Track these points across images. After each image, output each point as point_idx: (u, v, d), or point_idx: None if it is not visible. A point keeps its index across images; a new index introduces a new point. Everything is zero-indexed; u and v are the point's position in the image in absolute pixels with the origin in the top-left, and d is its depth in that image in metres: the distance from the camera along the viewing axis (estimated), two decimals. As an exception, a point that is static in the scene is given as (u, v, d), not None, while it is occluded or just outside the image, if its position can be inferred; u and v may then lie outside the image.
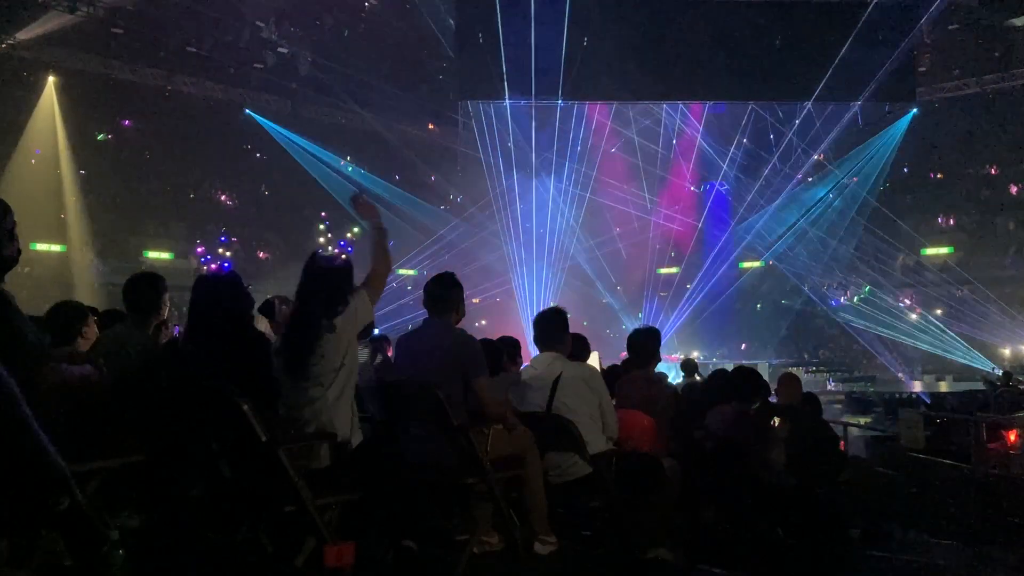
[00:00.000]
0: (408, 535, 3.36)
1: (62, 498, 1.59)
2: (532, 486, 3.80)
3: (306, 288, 3.29)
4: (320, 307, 3.20)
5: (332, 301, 3.21)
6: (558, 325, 4.50)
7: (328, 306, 3.20)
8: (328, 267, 3.32)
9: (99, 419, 2.88)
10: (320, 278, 3.28)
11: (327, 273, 3.29)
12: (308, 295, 3.27)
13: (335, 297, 3.23)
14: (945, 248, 29.93)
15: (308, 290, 3.28)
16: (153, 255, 27.36)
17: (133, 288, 3.85)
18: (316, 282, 3.27)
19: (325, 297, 3.23)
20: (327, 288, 3.25)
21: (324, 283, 3.26)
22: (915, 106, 24.18)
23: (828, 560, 5.07)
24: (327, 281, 3.27)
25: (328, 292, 3.24)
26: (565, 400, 4.17)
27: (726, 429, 5.04)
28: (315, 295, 3.25)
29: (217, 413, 2.91)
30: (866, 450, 10.33)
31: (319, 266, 3.31)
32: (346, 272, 3.33)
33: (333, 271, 3.30)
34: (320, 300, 3.22)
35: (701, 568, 4.14)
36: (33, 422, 1.56)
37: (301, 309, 3.29)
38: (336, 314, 3.19)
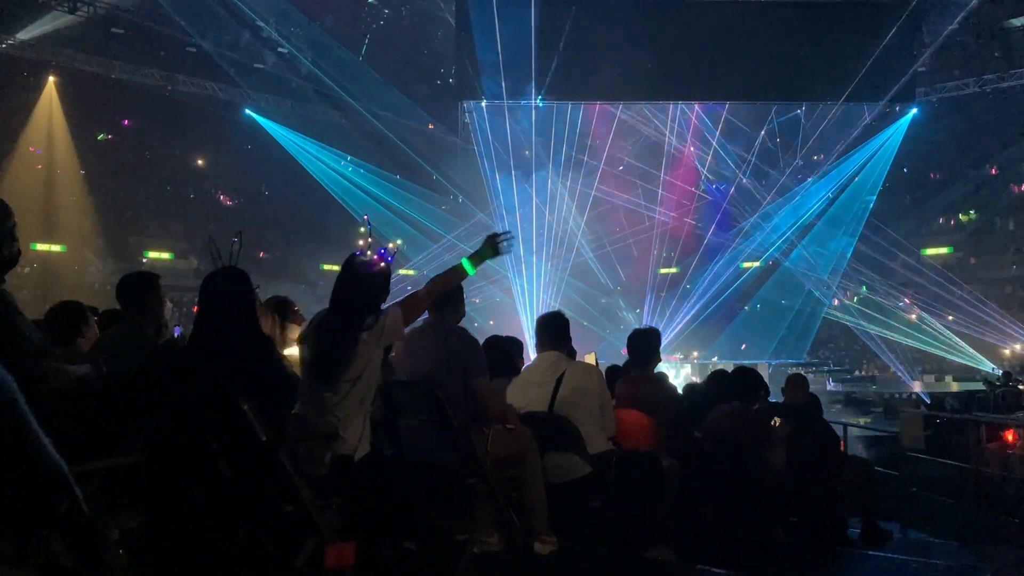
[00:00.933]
0: (408, 535, 3.37)
1: (62, 498, 1.59)
2: (532, 486, 3.80)
3: (340, 291, 3.26)
4: (349, 316, 3.18)
5: (362, 312, 3.18)
6: (561, 328, 4.52)
7: (357, 318, 3.17)
8: (364, 275, 3.26)
9: (99, 419, 2.88)
10: (355, 285, 3.24)
11: (361, 282, 3.25)
12: (340, 300, 3.25)
13: (365, 308, 3.19)
14: (945, 248, 29.95)
15: (341, 294, 3.26)
16: (153, 255, 27.39)
17: (124, 288, 3.85)
18: (350, 288, 3.24)
19: (356, 307, 3.20)
20: (359, 298, 3.22)
21: (357, 292, 3.23)
22: (915, 106, 24.17)
23: (828, 560, 5.08)
24: (360, 291, 3.23)
25: (359, 302, 3.21)
26: (567, 398, 4.18)
27: (726, 429, 5.05)
28: (346, 303, 3.22)
29: (217, 412, 2.91)
30: (866, 450, 10.34)
31: (355, 272, 3.26)
32: (381, 284, 3.28)
33: (368, 281, 3.25)
34: (350, 309, 3.20)
35: (701, 568, 4.15)
36: (33, 422, 1.56)
37: (332, 312, 3.26)
38: (363, 327, 3.16)
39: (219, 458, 2.94)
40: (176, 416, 2.93)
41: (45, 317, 3.78)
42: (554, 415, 4.16)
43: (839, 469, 5.89)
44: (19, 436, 1.53)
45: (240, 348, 3.09)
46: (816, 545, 5.19)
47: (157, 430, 2.90)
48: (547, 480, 3.94)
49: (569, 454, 4.09)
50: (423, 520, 3.46)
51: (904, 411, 11.01)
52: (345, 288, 3.26)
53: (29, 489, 1.55)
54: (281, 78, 25.23)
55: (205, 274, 3.31)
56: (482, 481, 3.58)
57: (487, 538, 3.77)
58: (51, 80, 22.96)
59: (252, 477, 2.91)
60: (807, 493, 5.25)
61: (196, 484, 2.95)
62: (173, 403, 2.97)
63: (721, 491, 4.78)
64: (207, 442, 2.94)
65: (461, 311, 3.96)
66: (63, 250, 24.88)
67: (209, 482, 2.93)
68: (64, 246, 24.88)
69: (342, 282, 3.27)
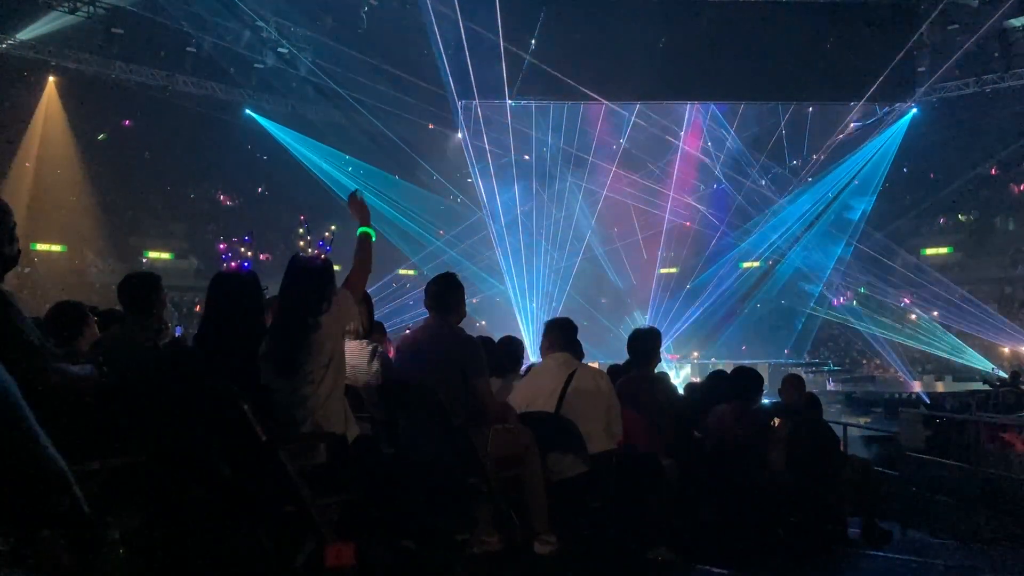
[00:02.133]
0: (408, 535, 3.37)
1: (62, 498, 1.59)
2: (532, 486, 3.80)
3: (289, 288, 3.34)
4: (304, 306, 3.24)
5: (315, 299, 3.26)
6: (571, 331, 4.56)
7: (312, 304, 3.24)
8: (309, 267, 3.37)
9: (99, 419, 2.88)
10: (302, 278, 3.33)
11: (308, 273, 3.34)
12: (291, 295, 3.32)
13: (318, 295, 3.27)
14: (945, 248, 29.94)
15: (291, 290, 3.33)
16: (153, 255, 27.38)
17: (128, 288, 3.84)
18: (298, 282, 3.33)
19: (308, 296, 3.27)
20: (309, 287, 3.29)
21: (306, 283, 3.31)
22: (915, 106, 24.17)
23: (828, 560, 5.08)
24: (309, 281, 3.32)
25: (310, 291, 3.28)
26: (575, 399, 4.18)
27: (726, 429, 5.05)
28: (298, 295, 3.30)
29: (217, 413, 2.91)
30: (866, 450, 10.33)
31: (300, 267, 3.37)
32: (327, 271, 3.37)
33: (314, 271, 3.35)
34: (303, 299, 3.27)
35: (701, 568, 4.15)
36: (33, 421, 1.56)
37: (286, 309, 3.32)
38: (320, 312, 3.23)
39: (219, 458, 2.94)
40: (176, 416, 2.93)
41: (45, 317, 3.78)
42: (554, 415, 4.16)
43: (839, 469, 5.89)
44: (19, 436, 1.53)
45: (245, 348, 3.10)
46: (816, 545, 5.19)
47: (157, 430, 2.90)
48: (547, 479, 3.94)
49: (568, 453, 4.09)
50: (423, 520, 3.46)
51: (904, 411, 11.00)
52: (294, 284, 3.33)
53: (29, 489, 1.55)
54: (281, 78, 25.23)
55: (212, 275, 3.32)
56: (482, 481, 3.58)
57: (487, 538, 3.77)
58: (51, 80, 22.96)
59: (252, 477, 2.92)
60: (807, 493, 5.25)
61: (196, 484, 2.95)
62: (173, 403, 2.97)
63: (721, 491, 4.78)
64: (207, 442, 2.94)
65: (461, 311, 3.98)
66: (63, 250, 24.88)
67: (209, 482, 2.94)
68: (64, 246, 24.89)
69: (290, 280, 3.35)
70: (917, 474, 8.46)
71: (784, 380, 6.62)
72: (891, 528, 6.23)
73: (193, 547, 2.79)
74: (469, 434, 3.56)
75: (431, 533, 3.50)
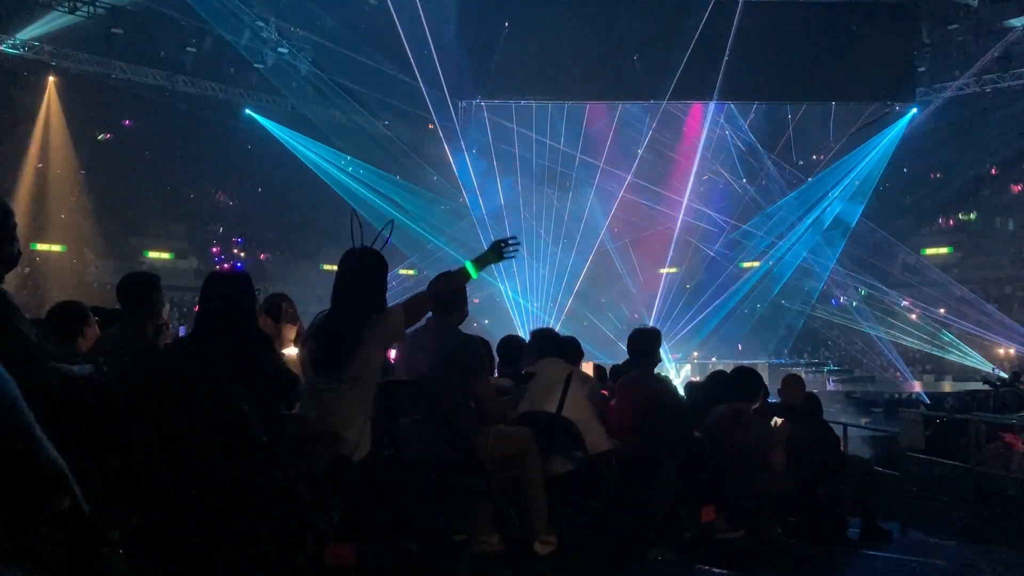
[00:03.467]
0: (408, 535, 3.36)
1: (62, 498, 1.59)
2: (532, 486, 3.80)
3: (344, 290, 3.27)
4: (359, 309, 3.19)
5: (369, 308, 3.18)
6: (556, 341, 4.66)
7: (366, 309, 3.18)
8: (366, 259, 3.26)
9: (99, 419, 2.88)
10: (359, 272, 3.25)
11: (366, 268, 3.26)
12: (347, 297, 3.25)
13: (373, 304, 3.19)
14: (945, 248, 29.94)
15: (346, 292, 3.26)
16: (153, 255, 27.37)
17: (127, 288, 3.84)
18: (350, 275, 3.25)
19: (364, 303, 3.20)
20: (365, 292, 3.22)
21: (364, 279, 3.24)
22: (915, 106, 24.17)
23: (828, 560, 5.08)
24: (367, 277, 3.24)
25: (367, 290, 3.22)
26: (575, 400, 4.19)
27: (726, 429, 5.05)
28: (354, 299, 3.22)
29: (217, 413, 2.91)
30: (866, 450, 10.33)
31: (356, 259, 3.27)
32: (379, 263, 3.28)
33: (372, 263, 3.26)
34: (358, 300, 3.21)
35: (701, 568, 4.15)
36: (33, 422, 1.56)
37: (341, 308, 3.26)
38: (369, 324, 3.16)
39: (219, 458, 2.94)
40: (176, 416, 2.93)
41: (46, 317, 3.79)
42: (553, 415, 4.16)
43: (839, 469, 5.89)
44: (19, 436, 1.53)
45: (239, 348, 3.09)
46: (816, 545, 5.19)
47: (157, 430, 2.90)
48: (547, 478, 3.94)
49: (567, 453, 4.09)
50: (423, 520, 3.46)
51: (904, 411, 10.99)
52: (347, 286, 3.26)
53: (29, 489, 1.54)
54: (281, 78, 25.23)
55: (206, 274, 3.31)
56: (482, 481, 3.58)
57: (487, 538, 3.77)
58: (51, 80, 22.95)
59: (252, 477, 2.92)
60: (807, 493, 5.25)
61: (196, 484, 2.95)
62: (173, 403, 2.97)
63: (721, 491, 4.78)
64: (207, 442, 2.94)
65: (463, 312, 3.97)
66: (63, 250, 24.87)
67: (209, 482, 2.94)
68: (64, 246, 24.88)
69: (343, 280, 3.27)
70: (917, 474, 8.46)
71: (784, 380, 6.62)
72: (891, 528, 6.24)
73: (193, 547, 2.79)
74: (469, 434, 3.56)
75: (431, 533, 3.50)
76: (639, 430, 4.66)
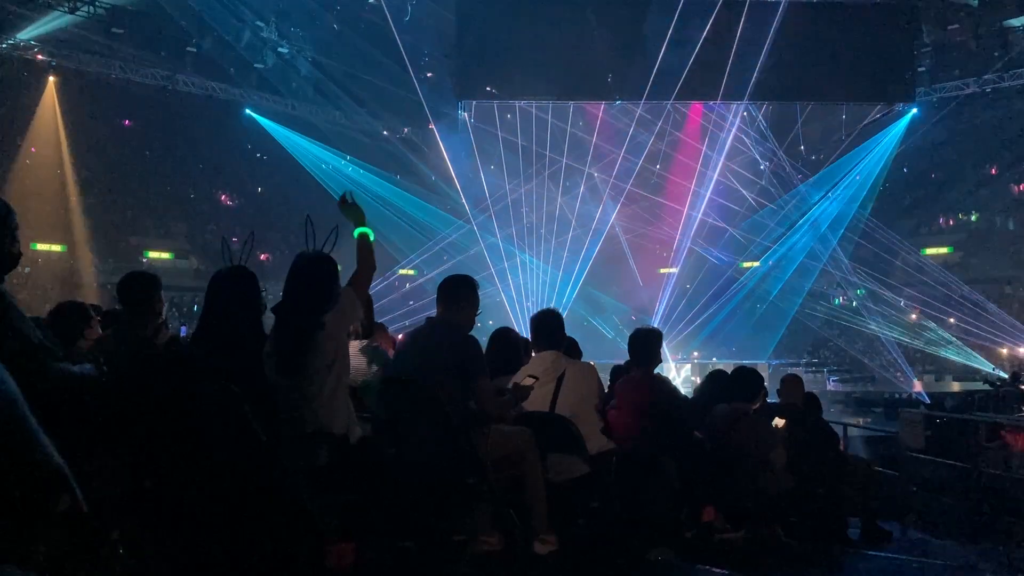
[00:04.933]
0: (408, 535, 3.36)
1: (62, 497, 1.59)
2: (532, 486, 3.80)
3: (293, 287, 3.34)
4: (308, 305, 3.25)
5: (320, 298, 3.26)
6: (556, 325, 4.53)
7: (316, 303, 3.25)
8: (313, 265, 3.38)
9: (100, 419, 2.88)
10: (306, 277, 3.34)
11: (313, 271, 3.35)
12: (295, 294, 3.33)
13: (323, 294, 3.28)
14: (945, 248, 29.93)
15: (295, 289, 3.34)
16: (153, 255, 27.36)
17: (127, 287, 3.86)
18: (303, 281, 3.33)
19: (313, 295, 3.27)
20: (314, 286, 3.30)
21: (311, 281, 3.32)
22: (915, 106, 24.17)
23: (828, 560, 5.08)
24: (313, 279, 3.33)
25: (315, 290, 3.29)
26: (569, 398, 4.18)
27: (726, 429, 5.04)
28: (302, 293, 3.31)
29: (217, 413, 2.91)
30: (866, 450, 10.33)
31: (305, 265, 3.37)
32: (331, 269, 3.38)
33: (318, 269, 3.36)
34: (308, 298, 3.28)
35: (701, 568, 4.15)
36: (34, 421, 1.56)
37: (289, 308, 3.33)
38: (325, 311, 3.23)
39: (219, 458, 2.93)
40: (176, 416, 2.93)
41: (48, 317, 3.79)
42: (553, 415, 4.16)
43: (839, 469, 5.89)
44: (19, 436, 1.53)
45: (241, 348, 3.10)
46: (816, 545, 5.19)
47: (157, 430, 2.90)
48: (547, 480, 3.94)
49: (568, 454, 4.08)
50: (423, 520, 3.46)
51: (904, 411, 11.00)
52: (298, 283, 3.34)
53: (29, 488, 1.54)
54: (281, 78, 25.23)
55: (211, 274, 3.33)
56: (482, 481, 3.58)
57: (487, 538, 3.76)
58: (51, 80, 22.95)
59: (252, 477, 2.91)
60: (807, 493, 5.25)
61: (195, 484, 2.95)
62: (173, 403, 2.97)
63: (721, 491, 4.77)
64: (207, 442, 2.94)
65: (468, 313, 3.92)
66: (63, 250, 24.86)
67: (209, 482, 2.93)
68: (64, 246, 24.86)
69: (294, 279, 3.35)
70: (917, 474, 8.47)
71: (783, 380, 6.61)
72: (891, 528, 6.23)
73: (193, 547, 2.79)
74: (469, 434, 3.56)
75: (431, 533, 3.50)
76: (639, 430, 4.66)
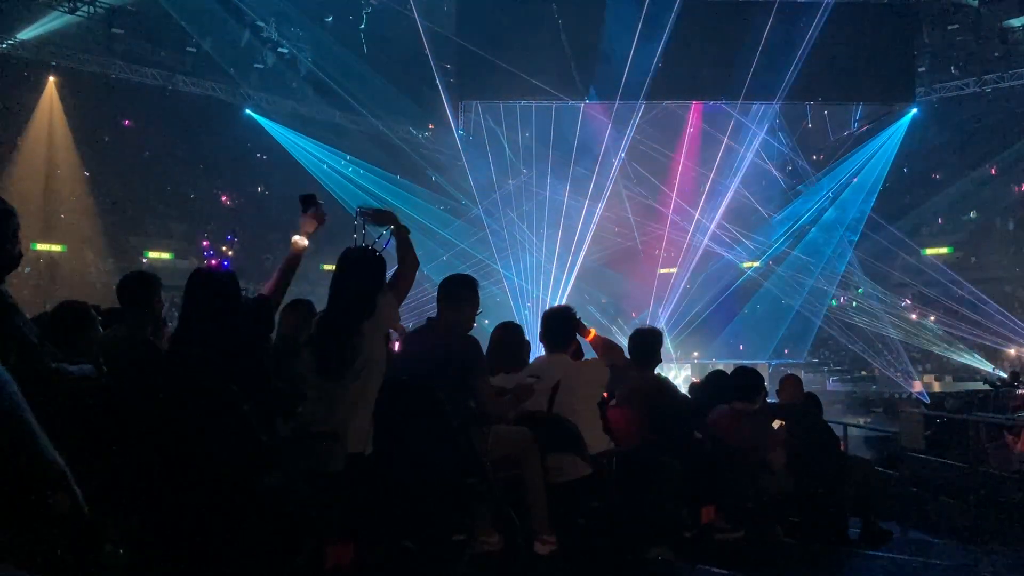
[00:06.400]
0: (408, 535, 3.36)
1: (62, 498, 1.59)
2: (532, 486, 3.80)
3: (340, 284, 3.32)
4: (355, 306, 3.23)
5: (364, 299, 3.24)
6: (565, 325, 4.46)
7: (362, 305, 3.22)
8: (361, 259, 3.34)
9: (99, 419, 2.88)
10: (354, 272, 3.31)
11: (363, 268, 3.32)
12: (343, 291, 3.30)
13: (367, 294, 3.25)
14: (945, 248, 29.93)
15: (341, 288, 3.31)
16: (153, 255, 27.35)
17: (126, 287, 3.86)
18: (350, 277, 3.31)
19: (359, 294, 3.25)
20: (360, 283, 3.27)
21: (358, 278, 3.29)
22: (915, 106, 24.16)
23: (828, 560, 5.08)
24: (361, 275, 3.29)
25: (361, 289, 3.26)
26: (566, 400, 4.17)
27: (726, 429, 5.05)
28: (349, 291, 3.28)
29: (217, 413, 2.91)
30: (866, 450, 10.34)
31: (354, 261, 3.34)
32: (379, 266, 3.34)
33: (367, 264, 3.33)
34: (354, 298, 3.25)
35: (701, 568, 4.15)
36: (33, 422, 1.56)
37: (337, 306, 3.30)
38: (366, 314, 3.21)
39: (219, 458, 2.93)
40: (176, 416, 2.93)
41: (51, 316, 3.78)
42: (554, 415, 4.15)
43: (839, 469, 5.89)
44: (19, 436, 1.53)
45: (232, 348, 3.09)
46: (816, 545, 5.19)
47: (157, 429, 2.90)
48: (547, 480, 3.93)
49: (569, 454, 4.08)
50: (423, 520, 3.46)
51: (904, 411, 11.01)
52: (342, 282, 3.31)
53: (29, 489, 1.54)
54: (281, 78, 25.22)
55: None
56: (482, 481, 3.58)
57: (487, 538, 3.76)
58: (51, 80, 22.93)
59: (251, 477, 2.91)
60: (807, 493, 5.25)
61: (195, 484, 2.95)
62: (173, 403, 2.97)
63: (721, 491, 4.77)
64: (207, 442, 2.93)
65: (468, 312, 3.92)
66: (63, 250, 24.85)
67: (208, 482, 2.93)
68: (64, 246, 24.85)
69: (339, 278, 3.33)
70: (917, 474, 8.47)
71: (782, 380, 6.62)
72: (891, 528, 6.23)
73: (192, 548, 2.78)
74: (469, 434, 3.56)
75: (431, 533, 3.50)
76: (639, 430, 4.66)
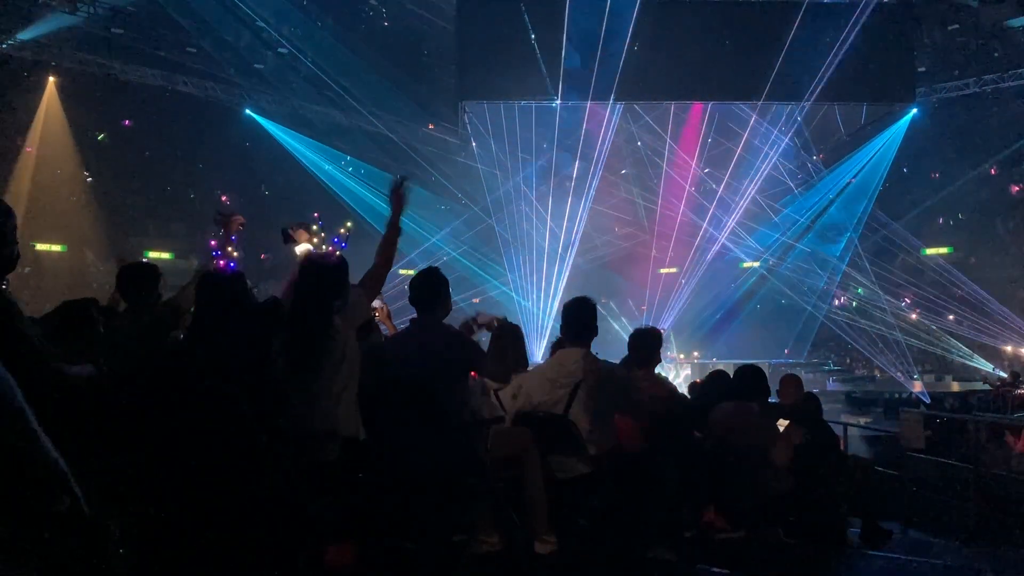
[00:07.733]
0: (408, 535, 3.36)
1: (62, 498, 1.59)
2: (532, 486, 3.80)
3: (304, 286, 3.35)
4: (320, 305, 3.25)
5: (330, 297, 3.28)
6: (589, 316, 4.36)
7: (327, 303, 3.26)
8: (323, 265, 3.40)
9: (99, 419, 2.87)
10: (316, 276, 3.35)
11: (323, 271, 3.36)
12: (307, 293, 3.33)
13: (333, 294, 3.29)
14: (945, 248, 29.93)
15: (306, 288, 3.34)
16: (153, 255, 27.32)
17: (126, 276, 3.86)
18: (313, 280, 3.34)
19: (323, 294, 3.28)
20: (324, 286, 3.31)
21: (321, 281, 3.33)
22: (915, 106, 24.17)
23: (828, 560, 5.08)
24: (323, 279, 3.33)
25: (325, 290, 3.30)
26: (585, 402, 4.11)
27: (727, 429, 5.04)
28: (314, 293, 3.31)
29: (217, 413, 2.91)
30: (866, 450, 10.34)
31: (315, 265, 3.40)
32: (341, 269, 3.40)
33: (329, 269, 3.38)
34: (319, 298, 3.27)
35: (701, 568, 4.15)
36: (33, 422, 1.56)
37: (301, 308, 3.32)
38: (335, 310, 3.25)
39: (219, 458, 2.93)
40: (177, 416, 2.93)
41: (49, 316, 3.78)
42: (553, 415, 4.15)
43: (839, 469, 5.89)
44: (19, 436, 1.53)
45: (239, 349, 3.10)
46: (816, 545, 5.18)
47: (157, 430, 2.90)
48: (547, 480, 3.93)
49: (568, 454, 4.08)
50: (423, 520, 3.46)
51: (904, 411, 10.99)
52: (309, 281, 3.35)
53: (29, 489, 1.54)
54: (281, 78, 25.21)
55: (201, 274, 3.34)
56: (482, 481, 3.58)
57: (487, 538, 3.76)
58: (51, 80, 22.93)
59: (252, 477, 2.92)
60: (807, 493, 5.25)
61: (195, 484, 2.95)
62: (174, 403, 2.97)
63: (721, 491, 4.77)
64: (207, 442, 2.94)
65: (447, 306, 3.95)
66: (63, 250, 24.85)
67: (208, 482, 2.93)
68: (64, 246, 24.86)
69: (304, 277, 3.37)
70: (917, 474, 8.47)
71: (782, 380, 6.62)
72: (891, 528, 6.23)
73: (193, 548, 2.79)
74: (469, 434, 3.56)
75: (431, 533, 3.50)
76: (639, 430, 4.65)
